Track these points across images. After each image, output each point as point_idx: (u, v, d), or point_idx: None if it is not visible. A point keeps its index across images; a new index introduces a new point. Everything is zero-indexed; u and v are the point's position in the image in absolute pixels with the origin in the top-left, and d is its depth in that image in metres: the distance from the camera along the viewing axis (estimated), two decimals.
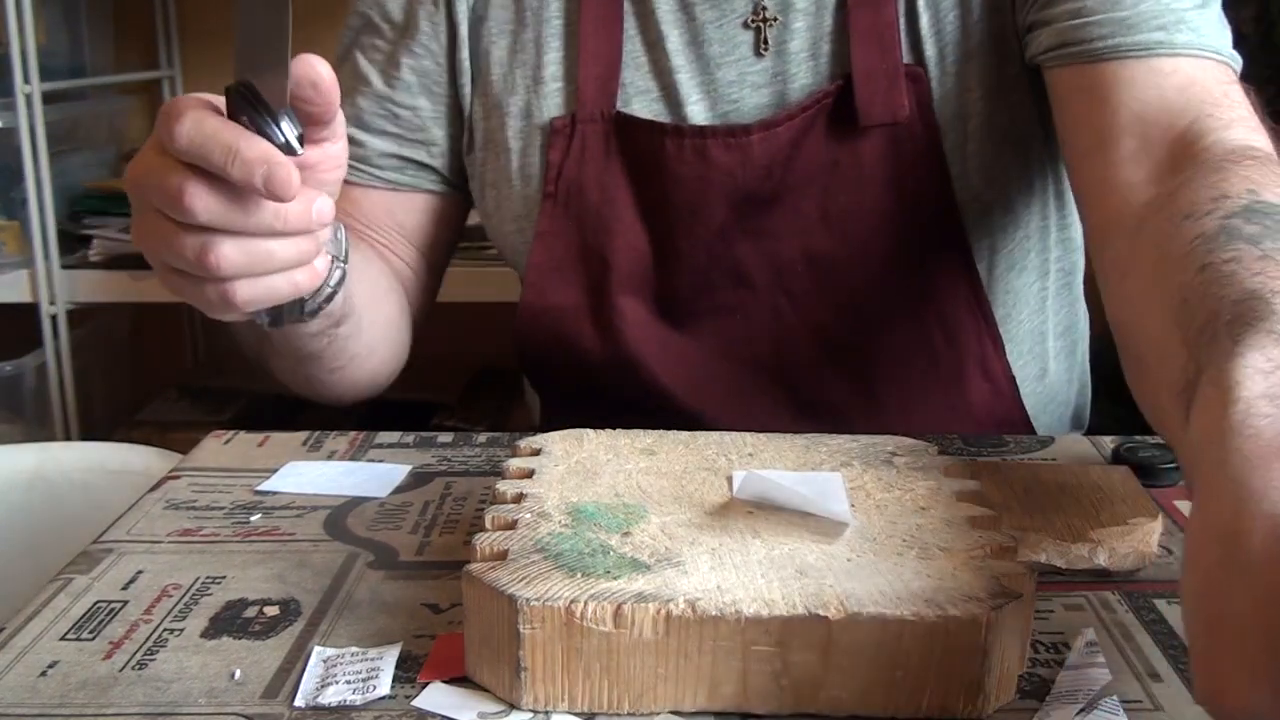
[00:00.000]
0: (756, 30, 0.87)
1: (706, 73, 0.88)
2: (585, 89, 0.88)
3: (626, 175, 0.89)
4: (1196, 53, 0.74)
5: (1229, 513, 0.40)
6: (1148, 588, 0.63)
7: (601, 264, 0.89)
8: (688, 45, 0.88)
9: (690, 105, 0.88)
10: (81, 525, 0.77)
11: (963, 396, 0.90)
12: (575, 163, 0.89)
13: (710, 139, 0.86)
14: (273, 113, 0.57)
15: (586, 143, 0.89)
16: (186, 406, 2.12)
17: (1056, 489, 0.70)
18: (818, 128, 0.85)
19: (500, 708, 0.52)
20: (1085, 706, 0.52)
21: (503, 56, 0.91)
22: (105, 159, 2.11)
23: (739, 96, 0.87)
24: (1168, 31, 0.74)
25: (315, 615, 0.61)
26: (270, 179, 0.56)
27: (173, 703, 0.53)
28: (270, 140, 0.57)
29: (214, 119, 0.57)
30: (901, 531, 0.57)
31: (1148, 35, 0.74)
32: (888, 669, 0.50)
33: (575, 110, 0.89)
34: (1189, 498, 0.42)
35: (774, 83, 0.87)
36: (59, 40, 1.97)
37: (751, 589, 0.51)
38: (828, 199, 0.86)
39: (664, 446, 0.67)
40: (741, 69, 0.87)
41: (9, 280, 1.83)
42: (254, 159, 0.56)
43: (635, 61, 0.89)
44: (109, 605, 0.62)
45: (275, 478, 0.79)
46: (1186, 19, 0.74)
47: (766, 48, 0.86)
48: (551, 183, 0.89)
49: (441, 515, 0.73)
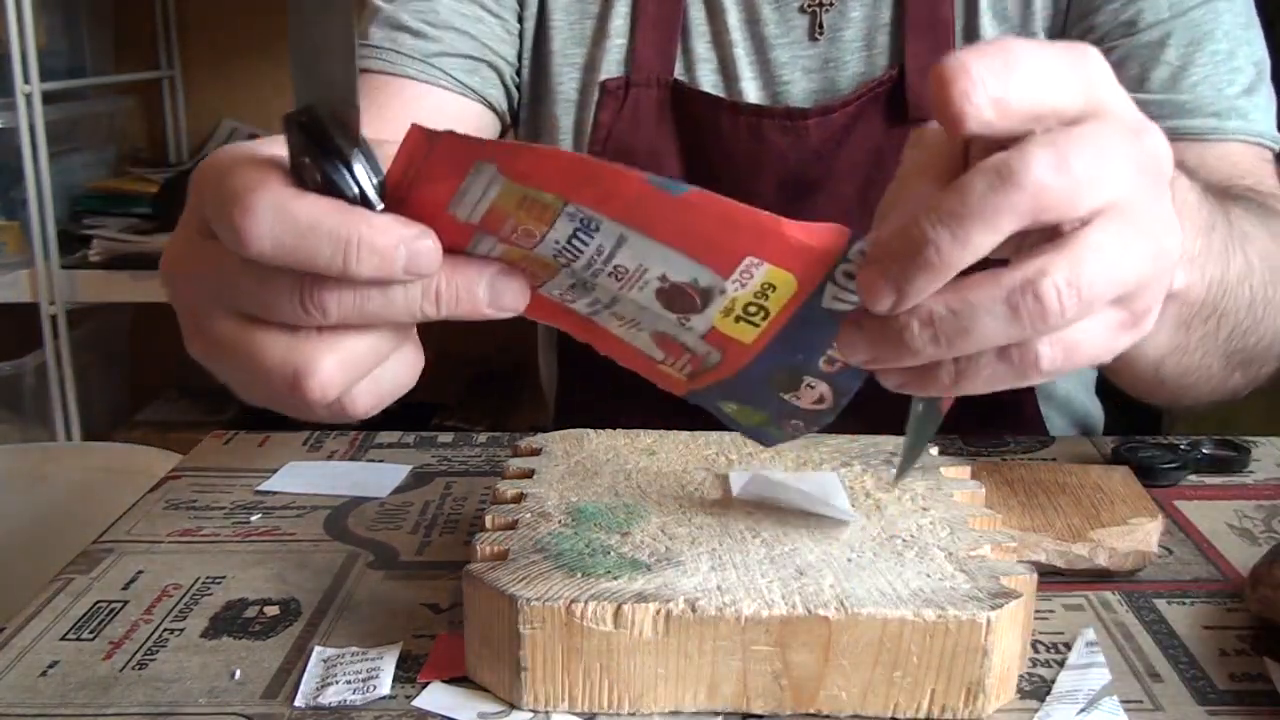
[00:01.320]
0: (812, 15, 0.88)
1: (761, 51, 0.89)
2: (642, 52, 0.88)
3: (678, 143, 0.89)
4: (1244, 138, 0.80)
5: None
6: (1148, 588, 0.63)
7: None
8: (745, 22, 0.89)
9: (744, 81, 0.88)
10: (81, 525, 0.77)
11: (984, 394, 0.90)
12: (627, 126, 0.89)
13: (766, 119, 0.86)
14: (344, 154, 0.42)
15: (640, 106, 0.88)
16: (186, 406, 2.12)
17: (1056, 489, 0.70)
18: (869, 117, 0.86)
19: (500, 708, 0.52)
20: (1085, 706, 0.52)
21: (570, 4, 0.90)
22: (105, 159, 2.11)
23: (790, 79, 0.88)
24: (1220, 119, 0.80)
25: (315, 615, 0.61)
26: (414, 260, 0.42)
27: (173, 703, 0.53)
28: (339, 192, 0.42)
29: (299, 204, 0.41)
30: (901, 531, 0.57)
31: (1202, 121, 0.80)
32: (888, 669, 0.50)
33: (631, 73, 0.88)
34: (1189, 497, 0.42)
35: (825, 68, 0.88)
36: (59, 40, 1.97)
37: (751, 589, 0.51)
38: (870, 188, 0.87)
39: (664, 446, 0.67)
40: (795, 51, 0.88)
41: (9, 280, 1.83)
42: (387, 246, 0.41)
43: (698, 30, 0.89)
44: (109, 605, 0.62)
45: (275, 478, 0.79)
46: (1238, 106, 0.80)
47: (821, 32, 0.87)
48: (599, 143, 0.89)
49: (441, 515, 0.73)
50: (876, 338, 0.42)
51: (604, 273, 0.45)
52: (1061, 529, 0.65)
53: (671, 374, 0.52)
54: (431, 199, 0.43)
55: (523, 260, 0.45)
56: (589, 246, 0.43)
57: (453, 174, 0.42)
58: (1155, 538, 0.65)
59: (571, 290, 0.47)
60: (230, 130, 2.21)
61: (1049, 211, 0.38)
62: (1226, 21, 0.81)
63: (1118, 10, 0.83)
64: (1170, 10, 0.81)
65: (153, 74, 2.19)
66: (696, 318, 0.46)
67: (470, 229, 0.44)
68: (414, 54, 0.86)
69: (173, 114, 2.25)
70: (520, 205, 0.42)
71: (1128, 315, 0.42)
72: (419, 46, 0.87)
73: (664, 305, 0.46)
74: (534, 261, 0.45)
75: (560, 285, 0.47)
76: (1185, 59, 0.81)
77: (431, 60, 0.87)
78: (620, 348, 0.51)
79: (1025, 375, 0.41)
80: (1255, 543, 0.68)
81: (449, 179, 0.42)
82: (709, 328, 0.47)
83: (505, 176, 0.41)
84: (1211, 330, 0.62)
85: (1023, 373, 0.41)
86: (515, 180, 0.41)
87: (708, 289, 0.44)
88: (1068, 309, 0.39)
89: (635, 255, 0.44)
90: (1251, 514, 0.72)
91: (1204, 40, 0.81)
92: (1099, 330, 0.41)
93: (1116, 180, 0.39)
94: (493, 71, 0.90)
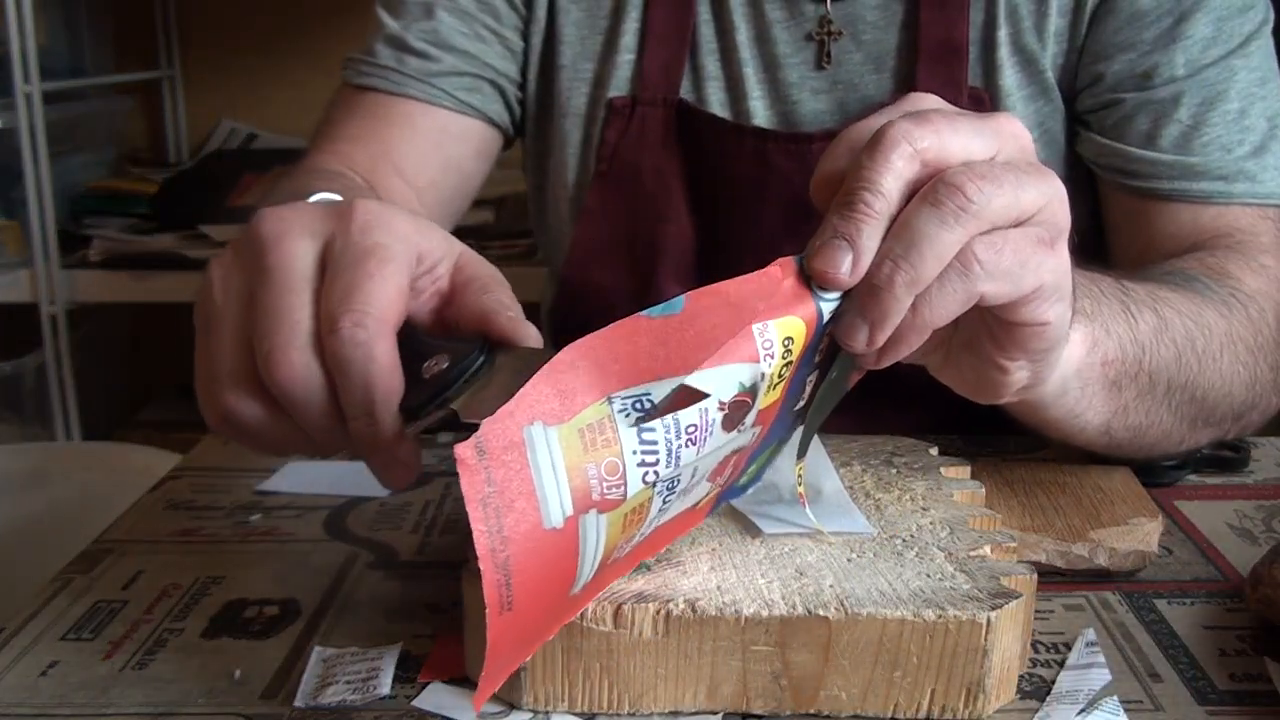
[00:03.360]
0: (820, 43, 0.87)
1: (770, 70, 0.88)
2: (649, 70, 0.89)
3: (684, 164, 0.89)
4: (1250, 201, 0.81)
5: None
6: (1148, 588, 0.63)
7: (649, 249, 0.90)
8: (754, 40, 0.88)
9: (752, 100, 0.88)
10: (81, 525, 0.77)
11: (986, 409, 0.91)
12: (632, 144, 0.89)
13: (771, 143, 0.86)
14: (446, 398, 0.48)
15: (646, 125, 0.89)
16: (186, 406, 2.11)
17: (1056, 489, 0.70)
18: None
19: (500, 708, 0.52)
20: (1085, 706, 0.52)
21: (581, 19, 0.91)
22: (105, 159, 2.11)
23: (799, 99, 0.88)
24: (1228, 182, 0.81)
25: (315, 615, 0.61)
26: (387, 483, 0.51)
27: (173, 703, 0.53)
28: (418, 388, 0.48)
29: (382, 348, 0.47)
30: (901, 531, 0.57)
31: (1209, 184, 0.81)
32: (887, 669, 0.50)
33: (637, 91, 0.89)
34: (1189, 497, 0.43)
35: (835, 90, 0.87)
36: (59, 40, 1.97)
37: (751, 589, 0.51)
38: None
39: None
40: (803, 73, 0.88)
41: (9, 280, 1.83)
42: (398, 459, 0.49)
43: (708, 46, 0.89)
44: (109, 605, 0.62)
45: (275, 478, 0.79)
46: (1245, 169, 0.81)
47: (829, 61, 0.87)
48: (605, 161, 0.89)
49: (441, 515, 0.73)
50: (865, 304, 0.48)
51: (681, 446, 0.44)
52: (1061, 529, 0.65)
53: (701, 506, 0.52)
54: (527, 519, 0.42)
55: (628, 521, 0.45)
56: (657, 433, 0.43)
57: (521, 493, 0.41)
58: (1155, 538, 0.65)
59: (661, 502, 0.46)
60: (230, 130, 2.21)
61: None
62: (1241, 79, 0.82)
63: (1134, 62, 0.82)
64: (1186, 69, 0.81)
65: (153, 74, 2.19)
66: (749, 415, 0.46)
67: (572, 524, 0.43)
68: (417, 74, 0.88)
69: (173, 114, 2.25)
70: (582, 442, 0.42)
71: (1044, 232, 0.49)
72: (422, 67, 0.88)
73: (726, 429, 0.46)
74: (635, 513, 0.45)
75: (654, 509, 0.46)
76: (1197, 119, 0.81)
77: (433, 80, 0.89)
78: (664, 536, 0.51)
79: (972, 279, 0.47)
80: (1255, 543, 0.68)
81: (526, 496, 0.42)
82: (756, 414, 0.47)
83: (552, 424, 0.41)
84: (1145, 388, 0.66)
85: (968, 275, 0.47)
86: (560, 421, 0.41)
87: (753, 385, 0.45)
88: (981, 189, 0.47)
89: (691, 402, 0.43)
90: (1251, 514, 0.72)
91: (1217, 100, 0.81)
92: (1021, 238, 0.48)
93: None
94: (494, 89, 0.92)
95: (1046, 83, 0.85)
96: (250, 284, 0.49)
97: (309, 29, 2.12)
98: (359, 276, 0.47)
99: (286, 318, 0.47)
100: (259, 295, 0.48)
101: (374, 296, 0.47)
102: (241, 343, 0.49)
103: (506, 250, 1.82)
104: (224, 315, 0.50)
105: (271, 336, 0.47)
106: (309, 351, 0.47)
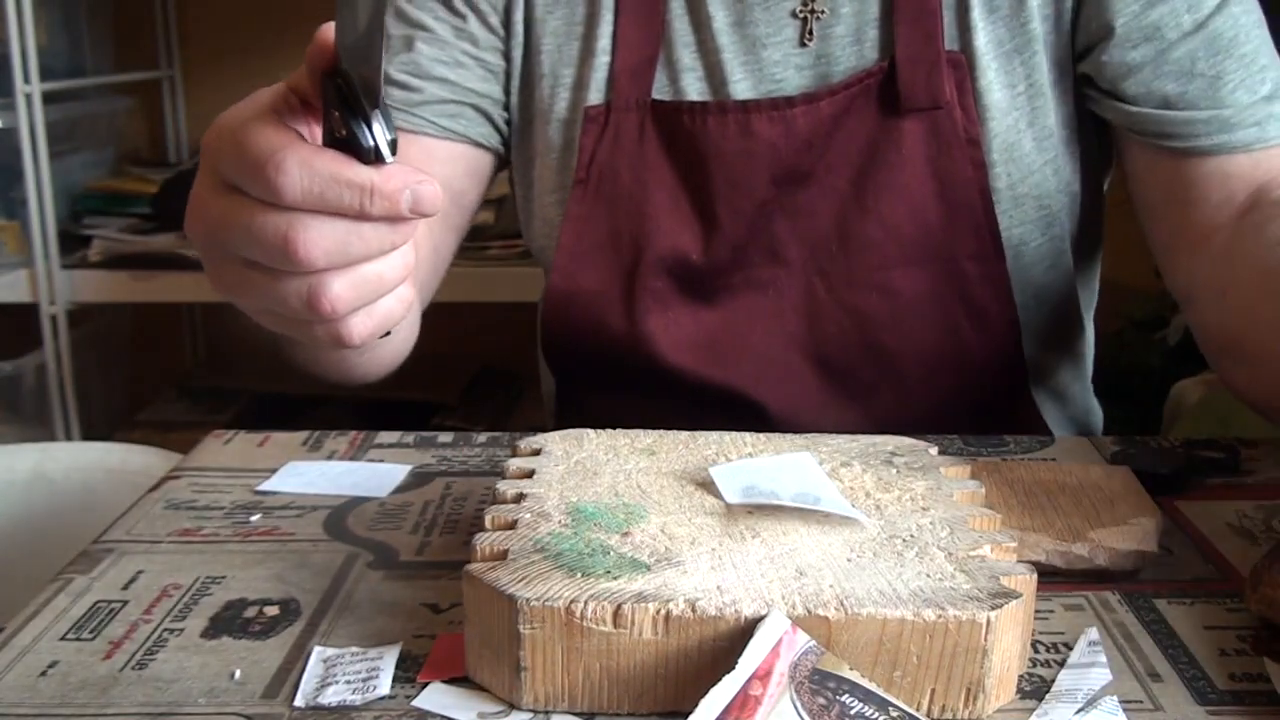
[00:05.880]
0: (803, 20, 0.88)
1: (751, 52, 0.89)
2: (620, 77, 0.89)
3: (665, 156, 0.89)
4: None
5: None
6: (1148, 588, 0.63)
7: (633, 247, 0.90)
8: (733, 26, 0.89)
9: (734, 83, 0.89)
10: (81, 525, 0.77)
11: (983, 385, 0.91)
12: (608, 150, 0.90)
13: (753, 112, 0.87)
14: (365, 112, 0.51)
15: (620, 131, 0.89)
16: (186, 406, 2.12)
17: (1056, 489, 0.70)
18: (860, 107, 0.87)
19: (500, 708, 0.52)
20: (1084, 706, 0.52)
21: (558, 27, 0.91)
22: (105, 159, 2.11)
23: (783, 76, 0.88)
24: (1262, 127, 0.81)
25: (315, 615, 0.61)
26: (418, 202, 0.51)
27: (173, 703, 0.53)
28: (358, 145, 0.51)
29: (322, 158, 0.50)
30: (901, 531, 0.57)
31: (1245, 132, 0.81)
32: (887, 669, 0.50)
33: (611, 99, 0.89)
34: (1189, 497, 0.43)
35: (818, 64, 0.88)
36: (59, 40, 1.97)
37: (751, 589, 0.51)
38: (864, 179, 0.87)
39: (664, 446, 0.67)
40: (786, 50, 0.88)
41: (9, 280, 1.83)
42: (395, 190, 0.50)
43: (683, 40, 0.90)
44: (109, 605, 0.62)
45: (275, 478, 0.79)
46: (1275, 111, 0.81)
47: (811, 38, 0.88)
48: (583, 169, 0.90)
49: (441, 515, 0.73)
50: None
51: None
52: (1061, 529, 0.65)
53: None
54: None
55: None
56: None
57: None
58: (1155, 538, 0.65)
59: None
60: None
61: None
62: (1243, 22, 0.82)
63: (1138, 13, 0.82)
64: (1192, 24, 0.81)
65: (153, 74, 2.19)
66: None
67: None
68: (399, 105, 0.89)
69: (172, 114, 2.25)
70: None
71: None
72: (404, 98, 0.90)
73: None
74: None
75: None
76: (1218, 69, 0.81)
77: (415, 110, 0.90)
78: None
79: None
80: (1255, 543, 0.68)
81: None
82: None
83: None
84: None
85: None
86: None
87: None
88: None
89: None
90: (1251, 514, 0.72)
91: (1231, 47, 0.81)
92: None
93: None
94: (476, 112, 0.93)
95: (1031, 33, 0.85)
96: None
97: (309, 30, 2.11)
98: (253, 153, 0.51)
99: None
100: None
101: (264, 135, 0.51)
102: None
103: (506, 250, 1.82)
104: None
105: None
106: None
